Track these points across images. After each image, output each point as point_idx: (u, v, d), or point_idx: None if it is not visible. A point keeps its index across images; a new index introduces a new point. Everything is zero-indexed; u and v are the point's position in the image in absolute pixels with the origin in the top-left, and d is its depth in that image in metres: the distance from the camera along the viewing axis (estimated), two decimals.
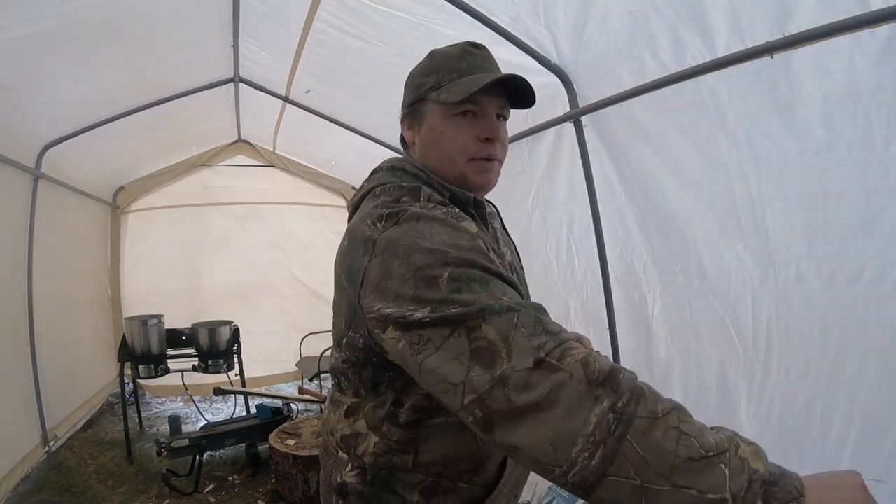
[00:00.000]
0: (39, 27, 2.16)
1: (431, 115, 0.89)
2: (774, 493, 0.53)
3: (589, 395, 0.56)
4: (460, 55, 0.89)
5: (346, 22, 2.50)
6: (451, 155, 0.87)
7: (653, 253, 2.19)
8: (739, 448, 0.55)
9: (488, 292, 0.65)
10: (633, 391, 0.56)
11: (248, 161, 5.11)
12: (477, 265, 0.68)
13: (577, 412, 0.56)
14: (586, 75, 2.17)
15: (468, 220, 0.78)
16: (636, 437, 0.54)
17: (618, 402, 0.56)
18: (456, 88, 0.84)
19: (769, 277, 1.67)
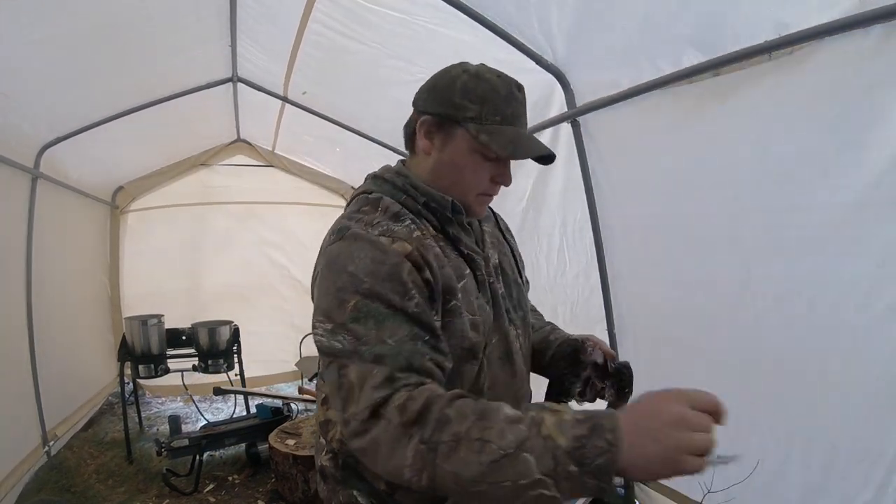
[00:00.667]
0: (40, 34, 2.16)
1: (460, 143, 0.89)
2: (584, 455, 0.61)
3: (404, 435, 0.69)
4: (507, 98, 0.89)
5: (340, 22, 2.49)
6: (466, 187, 0.92)
7: (632, 259, 2.18)
8: (542, 426, 0.64)
9: (378, 331, 0.76)
10: (439, 421, 0.68)
11: (248, 161, 5.11)
12: (383, 300, 0.77)
13: (397, 450, 0.69)
14: (583, 75, 2.17)
15: (404, 240, 0.83)
16: (445, 459, 0.66)
17: (425, 435, 0.67)
18: (501, 139, 0.86)
19: (746, 295, 1.64)
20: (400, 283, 0.79)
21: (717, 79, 1.62)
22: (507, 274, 1.02)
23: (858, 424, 1.40)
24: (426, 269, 0.82)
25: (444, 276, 0.84)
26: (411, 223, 0.88)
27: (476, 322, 0.87)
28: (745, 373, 1.74)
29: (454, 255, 0.91)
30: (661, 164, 1.93)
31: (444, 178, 0.92)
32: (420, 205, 0.91)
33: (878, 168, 1.27)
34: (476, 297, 0.90)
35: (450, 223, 0.93)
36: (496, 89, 0.89)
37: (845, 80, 1.31)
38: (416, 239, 0.85)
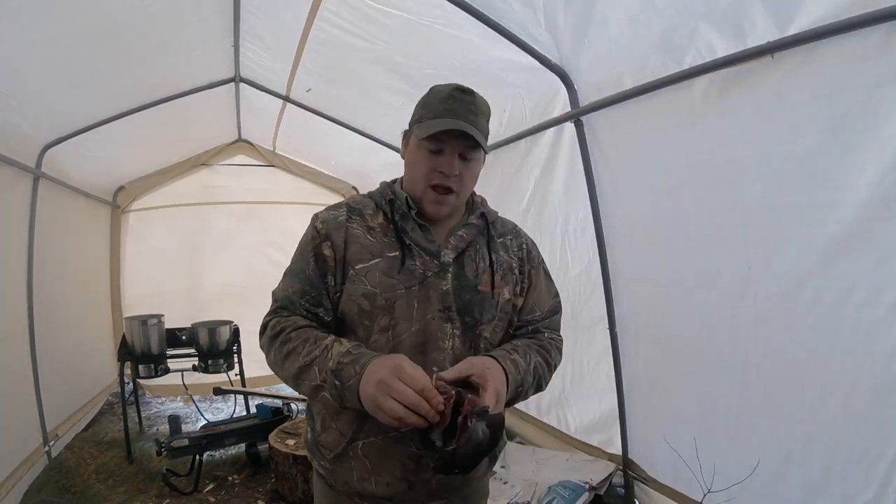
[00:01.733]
0: (41, 34, 2.17)
1: (412, 143, 1.10)
2: (342, 375, 0.93)
3: (271, 342, 1.06)
4: (444, 98, 1.05)
5: (347, 21, 2.50)
6: (416, 179, 1.10)
7: (634, 258, 2.18)
8: (330, 351, 0.97)
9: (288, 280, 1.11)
10: (284, 340, 1.03)
11: (249, 161, 5.11)
12: (297, 263, 1.12)
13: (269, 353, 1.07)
14: (587, 75, 2.17)
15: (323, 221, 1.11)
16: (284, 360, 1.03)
17: (277, 345, 1.04)
18: (424, 127, 1.05)
19: (748, 294, 1.65)
20: (305, 253, 1.10)
21: (720, 78, 1.62)
22: (466, 277, 1.10)
23: (859, 423, 1.40)
24: (327, 242, 1.08)
25: (348, 251, 1.07)
26: (345, 211, 1.12)
27: (371, 292, 1.05)
28: (746, 372, 1.74)
29: (389, 240, 1.09)
30: (664, 163, 1.93)
31: (406, 175, 1.14)
32: (386, 201, 1.12)
33: (880, 168, 1.27)
34: (388, 275, 1.06)
35: (405, 218, 1.10)
36: (437, 94, 1.07)
37: (847, 80, 1.31)
38: (337, 223, 1.09)
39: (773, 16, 1.42)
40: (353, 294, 1.05)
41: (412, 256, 1.07)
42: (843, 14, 1.26)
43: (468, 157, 1.06)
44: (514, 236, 1.23)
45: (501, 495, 2.53)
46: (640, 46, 1.82)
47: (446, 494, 1.10)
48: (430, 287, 1.06)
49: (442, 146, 1.04)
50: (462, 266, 1.11)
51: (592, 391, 2.62)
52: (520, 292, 1.18)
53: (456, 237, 1.12)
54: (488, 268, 1.13)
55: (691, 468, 1.93)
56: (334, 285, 1.07)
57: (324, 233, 1.08)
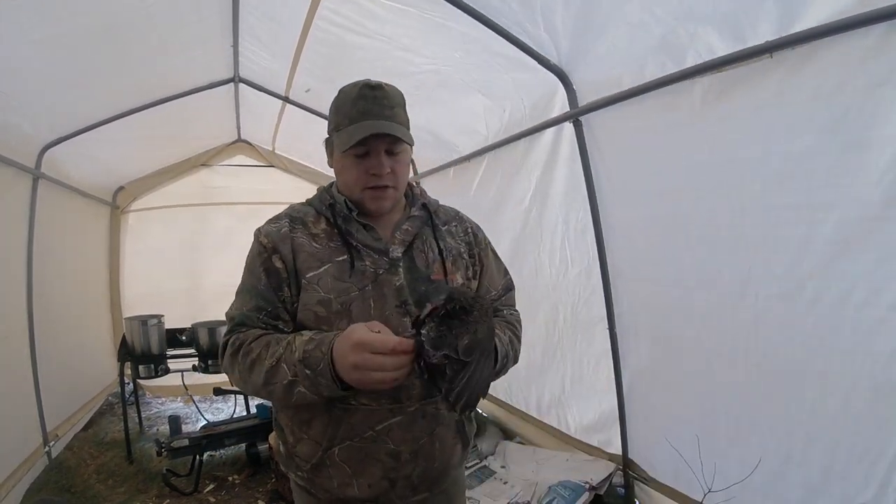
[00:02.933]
0: (41, 34, 2.16)
1: (335, 152, 1.11)
2: (310, 363, 0.94)
3: (233, 360, 1.05)
4: (355, 99, 1.05)
5: (347, 18, 2.50)
6: (350, 185, 1.10)
7: (634, 258, 2.18)
8: (292, 345, 0.97)
9: (243, 299, 1.10)
10: (246, 352, 1.03)
11: (248, 161, 5.11)
12: (247, 280, 1.11)
13: (232, 370, 1.07)
14: (585, 74, 2.17)
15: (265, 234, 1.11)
16: (248, 373, 1.02)
17: (239, 359, 1.03)
18: (344, 137, 1.04)
19: (748, 294, 1.65)
20: (257, 269, 1.09)
21: (719, 78, 1.62)
22: (418, 269, 1.11)
23: (859, 423, 1.40)
24: (276, 256, 1.07)
25: (297, 262, 1.07)
26: (287, 221, 1.12)
27: (325, 299, 1.05)
28: (746, 372, 1.74)
29: (335, 245, 1.09)
30: (663, 163, 1.93)
31: (340, 183, 1.14)
32: (325, 206, 1.13)
33: (879, 167, 1.27)
34: (342, 280, 1.06)
35: (348, 221, 1.11)
36: (347, 96, 1.07)
37: (847, 80, 1.31)
38: (281, 235, 1.09)
39: (774, 17, 1.42)
40: (308, 303, 1.05)
41: (361, 257, 1.08)
42: (843, 14, 1.25)
43: (395, 151, 1.07)
44: (458, 222, 1.24)
45: (501, 495, 2.53)
46: (639, 47, 1.82)
47: (428, 487, 1.11)
48: (383, 284, 1.07)
49: (366, 149, 1.04)
50: (412, 259, 1.12)
51: (592, 391, 2.62)
52: (472, 276, 1.19)
53: (401, 231, 1.13)
54: (438, 256, 1.14)
55: (692, 468, 1.93)
56: (290, 297, 1.07)
57: (270, 246, 1.08)
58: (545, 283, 2.74)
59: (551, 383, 2.86)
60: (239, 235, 5.01)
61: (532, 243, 2.80)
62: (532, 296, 2.79)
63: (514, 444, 3.08)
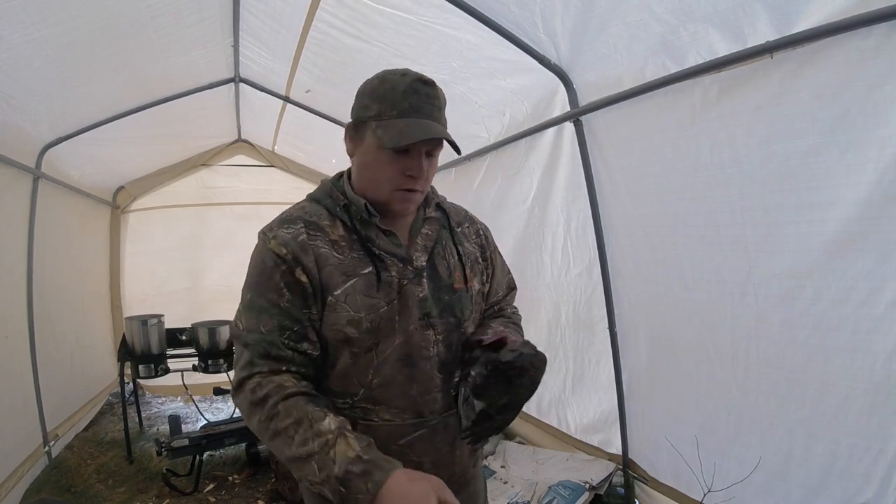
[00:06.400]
0: (40, 34, 2.16)
1: (368, 142, 0.96)
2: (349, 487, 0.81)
3: (253, 410, 0.91)
4: (405, 93, 0.93)
5: (345, 22, 2.50)
6: (379, 182, 0.97)
7: (636, 258, 2.19)
8: (332, 450, 0.83)
9: (256, 321, 0.94)
10: (270, 412, 0.89)
11: (248, 161, 5.11)
12: (263, 296, 0.95)
13: (250, 417, 0.93)
14: (586, 75, 2.17)
15: (280, 245, 0.95)
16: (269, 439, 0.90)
17: (262, 417, 0.90)
18: (391, 131, 0.92)
19: (748, 294, 1.65)
20: (275, 282, 0.94)
21: (720, 78, 1.62)
22: (440, 278, 1.03)
23: (859, 422, 1.41)
24: (299, 268, 0.94)
25: (322, 275, 0.95)
26: (302, 227, 0.97)
27: (355, 318, 0.94)
28: (746, 371, 1.74)
29: (357, 254, 0.97)
30: (664, 163, 1.93)
31: (363, 176, 0.99)
32: (340, 207, 1.00)
33: (879, 167, 1.27)
34: (368, 295, 0.95)
35: (367, 225, 0.99)
36: (395, 88, 0.94)
37: (847, 80, 1.31)
38: (299, 243, 0.95)
39: (774, 17, 1.42)
40: (336, 323, 0.94)
41: (386, 267, 0.97)
42: (844, 14, 1.26)
43: (433, 153, 0.98)
44: (470, 223, 1.17)
45: (501, 495, 2.53)
46: (640, 48, 1.82)
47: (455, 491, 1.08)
48: (407, 296, 0.98)
49: (407, 147, 0.93)
50: (434, 266, 1.03)
51: (592, 391, 2.62)
52: (486, 280, 1.14)
53: (422, 236, 1.04)
54: (458, 262, 1.07)
55: (691, 467, 1.93)
56: (316, 315, 0.95)
57: (290, 257, 0.94)
58: (547, 282, 2.75)
59: (552, 383, 2.86)
60: (239, 235, 5.05)
61: (534, 243, 2.80)
62: (534, 295, 2.79)
63: (515, 444, 3.08)
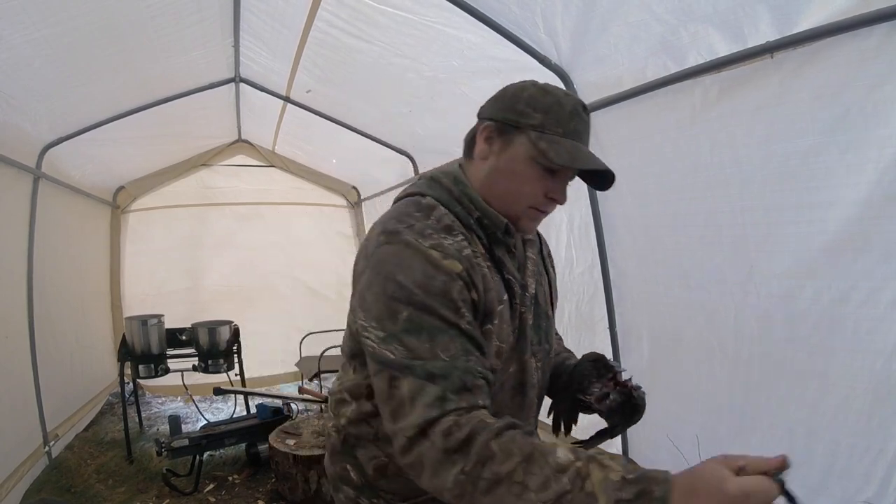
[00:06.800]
0: (40, 34, 2.17)
1: (519, 150, 0.87)
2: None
3: (447, 461, 0.70)
4: (571, 114, 0.86)
5: (346, 21, 2.50)
6: (518, 196, 0.89)
7: (638, 257, 2.19)
8: (587, 481, 0.62)
9: (432, 344, 0.75)
10: (481, 455, 0.68)
11: (248, 161, 5.12)
12: (437, 314, 0.76)
13: (440, 473, 0.71)
14: (586, 74, 2.17)
15: (454, 258, 0.81)
16: (483, 494, 0.67)
17: (466, 466, 0.68)
18: (559, 148, 0.84)
19: (750, 293, 1.65)
20: (450, 299, 0.78)
21: (720, 79, 1.63)
22: (540, 305, 0.98)
23: (860, 421, 1.41)
24: (473, 289, 0.82)
25: (487, 300, 0.84)
26: (463, 239, 0.85)
27: (501, 349, 0.87)
28: (748, 370, 1.74)
29: (497, 277, 0.88)
30: (665, 162, 1.94)
31: (498, 185, 0.89)
32: (473, 219, 0.88)
33: (879, 167, 1.28)
34: (507, 324, 0.88)
35: (498, 244, 0.90)
36: (561, 104, 0.86)
37: (847, 81, 1.32)
38: (466, 258, 0.82)
39: (774, 17, 1.42)
40: (489, 353, 0.84)
41: (514, 294, 0.90)
42: (846, 14, 1.26)
43: (571, 180, 0.92)
44: (543, 243, 1.11)
45: None
46: (640, 48, 1.82)
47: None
48: (525, 325, 0.92)
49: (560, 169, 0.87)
50: (536, 293, 0.97)
51: None
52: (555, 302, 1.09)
53: (531, 261, 0.98)
54: (548, 289, 1.02)
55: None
56: None
57: (466, 275, 0.81)
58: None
59: None
60: (239, 235, 5.07)
61: None
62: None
63: None
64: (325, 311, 5.05)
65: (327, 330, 4.50)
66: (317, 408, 3.72)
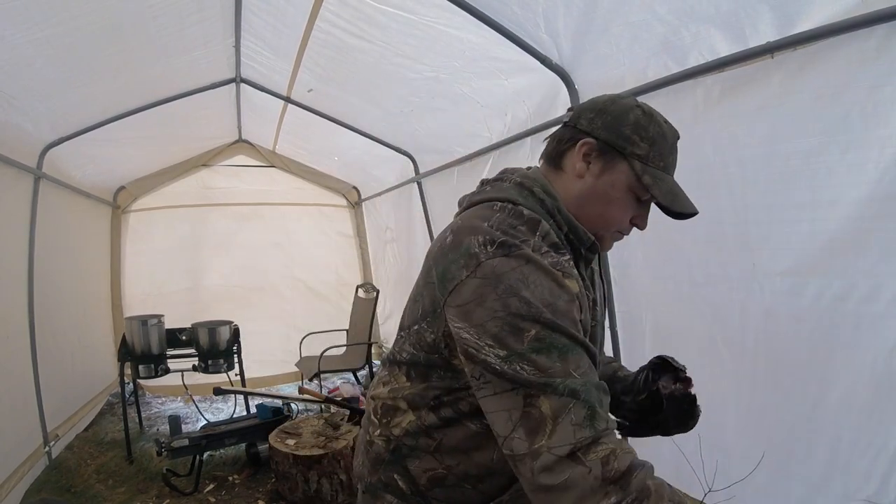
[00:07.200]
0: (42, 34, 2.17)
1: (618, 176, 0.85)
2: None
3: (601, 490, 0.67)
4: (672, 148, 0.87)
5: (348, 21, 2.51)
6: (607, 219, 0.88)
7: (642, 254, 2.19)
8: None
9: (563, 363, 0.72)
10: (640, 492, 0.66)
11: (249, 161, 5.12)
12: (565, 332, 0.73)
13: (588, 500, 0.67)
14: (588, 75, 2.18)
15: (573, 278, 0.79)
16: None
17: (624, 499, 0.66)
18: (663, 186, 0.84)
19: (754, 290, 1.65)
20: (573, 320, 0.76)
21: (722, 79, 1.63)
22: (599, 315, 0.98)
23: (861, 417, 1.42)
24: (581, 309, 0.80)
25: (585, 319, 0.82)
26: (570, 258, 0.83)
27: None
28: (754, 367, 1.75)
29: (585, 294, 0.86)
30: None
31: (591, 206, 0.87)
32: (563, 233, 0.86)
33: (880, 166, 1.29)
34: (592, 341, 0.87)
35: (580, 260, 0.89)
36: (665, 135, 0.86)
37: (848, 82, 1.32)
38: (576, 277, 0.81)
39: (776, 19, 1.43)
40: None
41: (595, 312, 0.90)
42: (847, 15, 1.27)
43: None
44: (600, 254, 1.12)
45: None
46: (642, 48, 1.83)
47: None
48: (595, 339, 0.90)
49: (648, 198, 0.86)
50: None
51: None
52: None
53: (596, 275, 0.98)
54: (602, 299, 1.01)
55: (692, 465, 1.93)
56: None
57: (574, 291, 0.79)
58: None
59: None
60: (239, 235, 5.08)
61: None
62: None
63: None
64: (325, 311, 5.06)
65: (327, 330, 4.51)
66: (317, 408, 3.72)
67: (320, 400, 3.50)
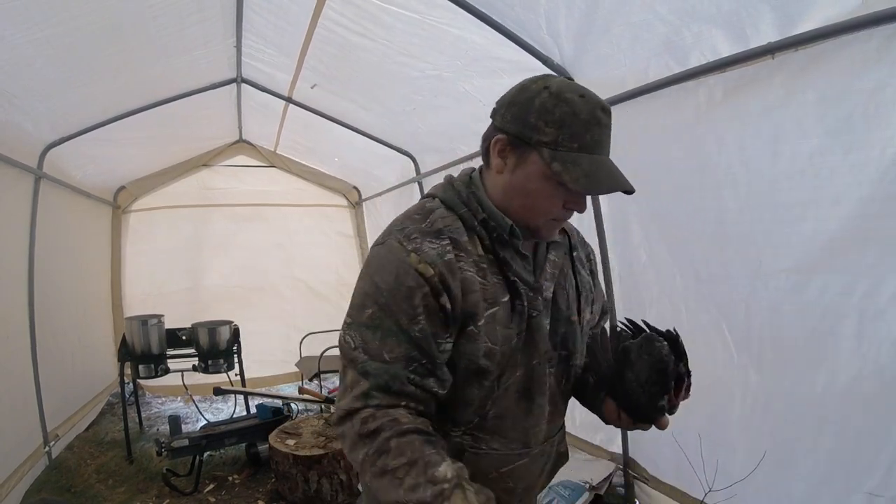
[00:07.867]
0: (42, 34, 2.17)
1: (533, 168, 0.83)
2: None
3: (359, 442, 0.83)
4: (587, 122, 0.80)
5: (351, 20, 2.51)
6: (536, 211, 0.87)
7: (647, 252, 2.19)
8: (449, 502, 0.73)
9: (380, 343, 0.84)
10: (380, 447, 0.80)
11: (249, 161, 5.12)
12: (393, 317, 0.84)
13: (354, 450, 0.84)
14: (590, 74, 2.18)
15: (426, 265, 0.84)
16: (373, 478, 0.81)
17: (369, 452, 0.81)
18: (575, 171, 0.80)
19: (758, 287, 1.66)
20: (411, 306, 0.83)
21: (724, 79, 1.63)
22: (560, 310, 0.95)
23: (865, 411, 1.43)
24: (444, 294, 0.84)
25: (466, 303, 0.85)
26: (449, 244, 0.85)
27: (492, 351, 0.87)
28: (758, 364, 1.76)
29: (496, 279, 0.88)
30: (671, 161, 1.94)
31: (515, 199, 0.87)
32: (478, 221, 0.88)
33: (881, 166, 1.30)
34: (505, 326, 0.88)
35: (504, 246, 0.89)
36: (576, 112, 0.80)
37: (850, 83, 1.33)
38: (446, 262, 0.84)
39: (777, 19, 1.43)
40: (472, 353, 0.86)
41: (519, 296, 0.89)
42: (850, 15, 1.27)
43: None
44: (583, 246, 1.09)
45: None
46: (643, 48, 1.83)
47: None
48: (534, 329, 0.91)
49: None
50: (555, 297, 0.95)
51: None
52: (594, 309, 1.08)
53: (550, 264, 0.95)
54: (575, 293, 0.99)
55: (693, 465, 1.94)
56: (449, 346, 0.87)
57: (436, 280, 0.83)
58: None
59: None
60: (239, 235, 5.07)
61: None
62: None
63: None
64: (326, 311, 5.05)
65: (327, 330, 4.50)
66: (317, 408, 3.72)
67: (320, 400, 3.50)
